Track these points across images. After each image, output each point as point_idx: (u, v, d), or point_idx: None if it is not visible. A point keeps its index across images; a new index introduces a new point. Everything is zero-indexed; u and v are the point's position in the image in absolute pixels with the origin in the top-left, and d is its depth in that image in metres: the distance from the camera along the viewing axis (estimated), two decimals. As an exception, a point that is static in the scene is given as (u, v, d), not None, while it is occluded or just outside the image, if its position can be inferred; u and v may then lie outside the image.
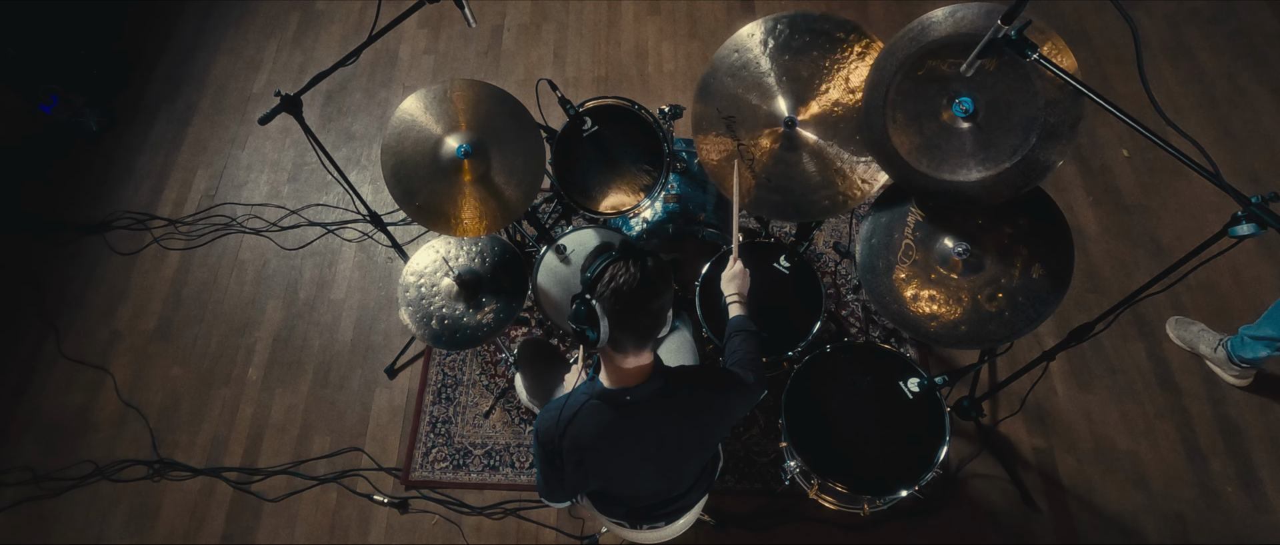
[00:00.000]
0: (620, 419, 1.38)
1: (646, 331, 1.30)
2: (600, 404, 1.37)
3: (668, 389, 1.38)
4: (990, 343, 1.69)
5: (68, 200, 3.28)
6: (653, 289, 1.26)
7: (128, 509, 2.54)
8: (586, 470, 1.43)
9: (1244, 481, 2.20)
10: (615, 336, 1.27)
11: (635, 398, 1.36)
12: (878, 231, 1.76)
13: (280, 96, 1.86)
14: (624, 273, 1.26)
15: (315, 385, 2.71)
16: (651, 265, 1.27)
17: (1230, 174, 2.29)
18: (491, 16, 3.53)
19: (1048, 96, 1.43)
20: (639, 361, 1.34)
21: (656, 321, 1.30)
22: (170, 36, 3.78)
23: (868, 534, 2.22)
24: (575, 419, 1.39)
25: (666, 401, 1.39)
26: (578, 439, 1.39)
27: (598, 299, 1.26)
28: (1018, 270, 1.63)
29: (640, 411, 1.37)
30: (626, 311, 1.26)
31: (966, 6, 1.47)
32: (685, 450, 1.50)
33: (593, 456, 1.41)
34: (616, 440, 1.40)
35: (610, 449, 1.41)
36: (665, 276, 1.30)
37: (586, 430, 1.38)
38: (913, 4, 3.25)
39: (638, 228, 2.27)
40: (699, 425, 1.45)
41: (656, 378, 1.37)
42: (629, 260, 1.27)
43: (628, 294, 1.25)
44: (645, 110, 2.10)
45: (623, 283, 1.25)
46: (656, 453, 1.45)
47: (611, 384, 1.37)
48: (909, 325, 1.71)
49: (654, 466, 1.49)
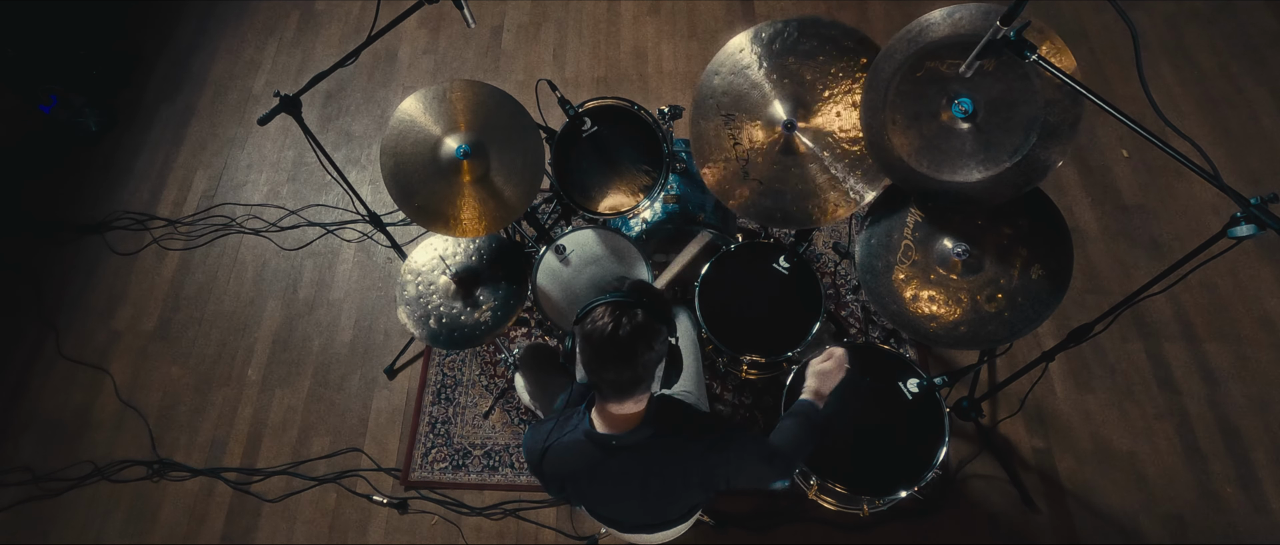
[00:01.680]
0: (604, 462, 1.33)
1: (623, 388, 1.22)
2: (587, 443, 1.33)
3: (654, 440, 1.31)
4: (990, 343, 1.69)
5: (67, 200, 3.28)
6: (621, 350, 1.16)
7: (127, 509, 2.54)
8: (568, 495, 1.42)
9: (1244, 481, 2.20)
10: (594, 383, 1.21)
11: (620, 444, 1.30)
12: (877, 232, 1.76)
13: (279, 97, 1.86)
14: (601, 321, 1.17)
15: (315, 385, 2.71)
16: (629, 325, 1.16)
17: (1229, 175, 2.29)
18: (491, 17, 3.53)
19: (1047, 97, 1.44)
20: (623, 410, 1.28)
21: (636, 379, 1.21)
22: (170, 36, 3.78)
23: (867, 534, 2.22)
24: (561, 448, 1.35)
25: (653, 452, 1.32)
26: (560, 469, 1.36)
27: (578, 339, 1.20)
28: (1017, 271, 1.63)
29: (623, 459, 1.32)
30: (595, 361, 1.19)
31: (965, 7, 1.47)
32: (669, 499, 1.44)
33: (574, 487, 1.39)
34: (598, 481, 1.37)
35: (591, 484, 1.38)
36: (645, 337, 1.18)
37: (569, 463, 1.35)
38: (912, 4, 3.25)
39: (637, 228, 2.27)
40: (683, 481, 1.37)
41: (646, 427, 1.30)
42: (610, 309, 1.18)
43: (597, 344, 1.17)
44: (645, 111, 2.10)
45: (592, 332, 1.17)
46: (639, 496, 1.40)
47: (600, 426, 1.32)
48: (909, 326, 1.71)
49: (635, 505, 1.45)
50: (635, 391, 1.23)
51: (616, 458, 1.32)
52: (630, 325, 1.16)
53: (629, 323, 1.16)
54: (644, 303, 1.19)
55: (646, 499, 1.41)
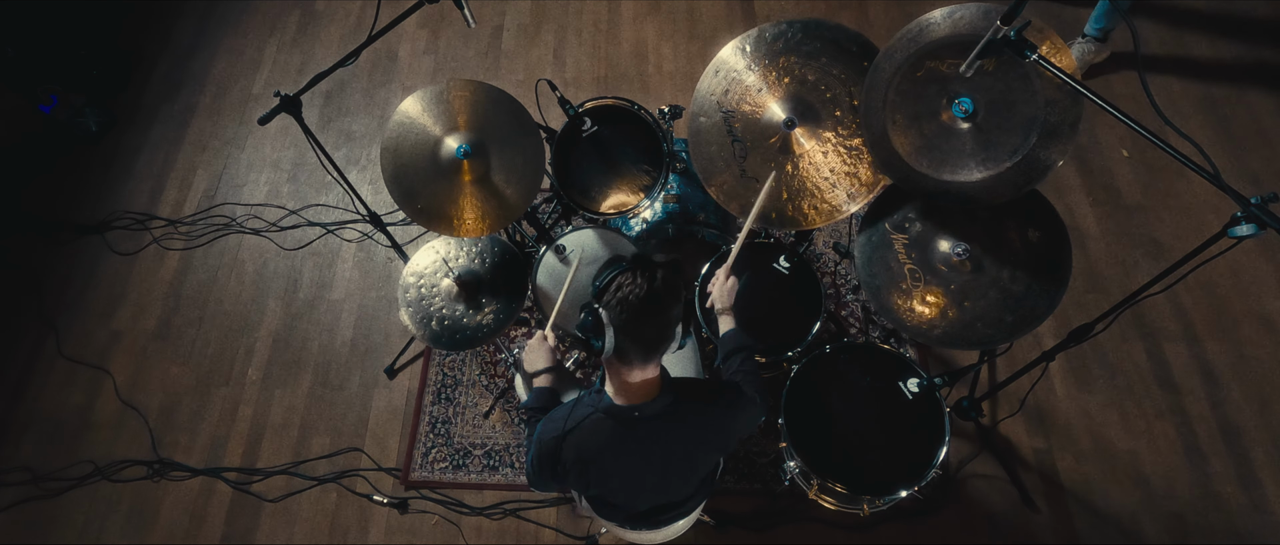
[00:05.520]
0: (628, 435, 1.37)
1: (653, 345, 1.29)
2: (607, 419, 1.36)
3: (677, 406, 1.37)
4: (989, 343, 1.69)
5: (67, 200, 3.28)
6: (659, 303, 1.25)
7: (127, 509, 2.54)
8: (588, 479, 1.43)
9: (1244, 481, 2.20)
10: (621, 348, 1.27)
11: (644, 414, 1.35)
12: (877, 233, 1.76)
13: (280, 97, 1.86)
14: (631, 284, 1.25)
15: (315, 385, 2.71)
16: (661, 278, 1.26)
17: (1229, 175, 2.29)
18: (491, 17, 3.53)
19: (1047, 97, 1.44)
20: (645, 375, 1.33)
21: (663, 335, 1.29)
22: (170, 36, 3.78)
23: (867, 534, 2.22)
24: (580, 430, 1.38)
25: (675, 419, 1.38)
26: (582, 452, 1.38)
27: (604, 309, 1.26)
28: (1017, 270, 1.63)
29: (648, 429, 1.37)
30: (632, 323, 1.25)
31: (965, 7, 1.47)
32: (690, 466, 1.50)
33: (596, 470, 1.41)
34: (622, 456, 1.40)
35: (614, 463, 1.41)
36: (674, 290, 1.28)
37: (591, 444, 1.38)
38: (912, 4, 3.25)
39: (637, 228, 2.27)
40: (705, 443, 1.45)
41: (666, 394, 1.37)
42: (638, 272, 1.26)
43: (634, 305, 1.24)
44: (645, 110, 2.10)
45: (629, 294, 1.25)
46: (661, 467, 1.44)
47: (619, 399, 1.36)
48: (908, 326, 1.71)
49: (656, 479, 1.49)
50: (662, 348, 1.30)
51: (640, 429, 1.36)
52: (662, 277, 1.26)
53: (661, 276, 1.26)
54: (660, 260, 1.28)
55: (670, 468, 1.45)
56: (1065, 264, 1.61)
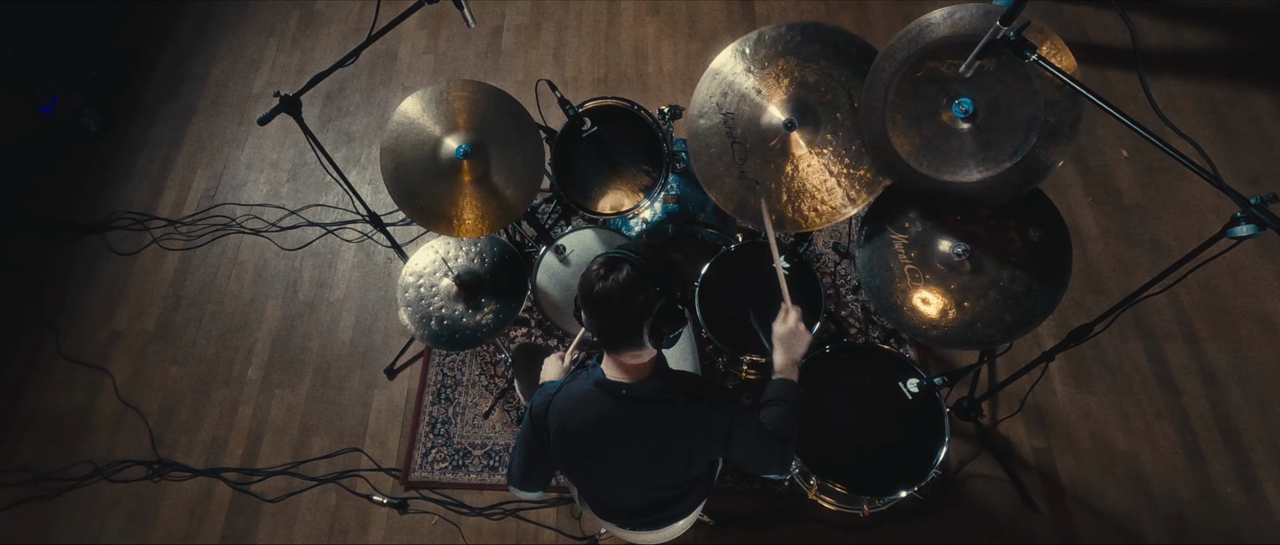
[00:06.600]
0: (612, 411, 1.39)
1: (613, 335, 1.30)
2: (595, 390, 1.39)
3: (664, 393, 1.38)
4: (989, 343, 1.69)
5: (67, 200, 3.28)
6: (608, 298, 1.24)
7: (127, 509, 2.54)
8: (570, 451, 1.44)
9: (1244, 481, 2.20)
10: (588, 327, 1.32)
11: (631, 394, 1.37)
12: (877, 233, 1.76)
13: (279, 97, 1.86)
14: (592, 271, 1.28)
15: (315, 385, 2.71)
16: (615, 277, 1.24)
17: (1229, 175, 2.29)
18: (491, 17, 3.53)
19: (1047, 97, 1.44)
20: (633, 360, 1.35)
21: (622, 328, 1.27)
22: (170, 36, 3.78)
23: (867, 534, 2.22)
24: (569, 395, 1.42)
25: (659, 404, 1.39)
26: (566, 418, 1.42)
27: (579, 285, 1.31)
28: (1017, 270, 1.64)
29: (632, 409, 1.38)
30: (589, 309, 1.29)
31: (965, 7, 1.47)
32: (665, 456, 1.45)
33: (577, 441, 1.42)
34: (601, 431, 1.42)
35: (593, 440, 1.42)
36: (628, 293, 1.24)
37: (576, 411, 1.41)
38: (912, 4, 3.25)
39: (637, 228, 2.27)
40: (686, 438, 1.41)
41: (656, 379, 1.38)
42: (604, 263, 1.27)
43: (584, 292, 1.29)
44: (645, 111, 2.10)
45: (584, 279, 1.29)
46: (640, 453, 1.44)
47: (610, 375, 1.39)
48: (908, 326, 1.71)
49: (633, 468, 1.47)
50: (629, 340, 1.30)
51: (626, 407, 1.38)
52: (616, 277, 1.25)
53: (614, 276, 1.25)
54: (632, 259, 1.26)
55: (649, 456, 1.44)
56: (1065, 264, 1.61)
